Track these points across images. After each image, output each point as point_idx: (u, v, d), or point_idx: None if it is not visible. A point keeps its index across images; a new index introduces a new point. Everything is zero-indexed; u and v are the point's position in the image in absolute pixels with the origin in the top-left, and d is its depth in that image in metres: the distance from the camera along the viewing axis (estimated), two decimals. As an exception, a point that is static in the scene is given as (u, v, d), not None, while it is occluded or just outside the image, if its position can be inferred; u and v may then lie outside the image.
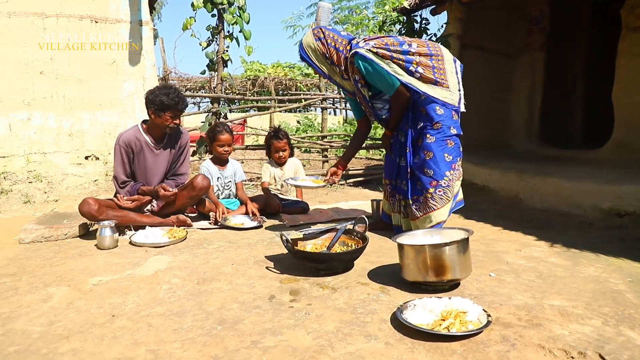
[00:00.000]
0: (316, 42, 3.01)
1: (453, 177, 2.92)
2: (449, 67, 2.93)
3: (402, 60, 2.82)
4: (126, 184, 3.34)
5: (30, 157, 4.54)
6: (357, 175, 5.87)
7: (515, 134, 6.40)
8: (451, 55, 3.00)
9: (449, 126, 2.90)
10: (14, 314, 1.93)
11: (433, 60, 2.88)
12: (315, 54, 3.04)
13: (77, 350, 1.63)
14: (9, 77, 4.44)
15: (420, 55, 2.86)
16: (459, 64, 3.02)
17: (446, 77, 2.88)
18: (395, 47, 2.85)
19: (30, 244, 3.00)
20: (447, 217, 2.95)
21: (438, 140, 2.89)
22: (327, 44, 3.00)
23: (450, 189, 2.91)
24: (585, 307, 1.95)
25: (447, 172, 2.89)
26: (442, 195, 2.89)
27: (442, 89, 2.88)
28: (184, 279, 2.32)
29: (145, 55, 4.94)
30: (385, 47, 2.84)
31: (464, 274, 2.14)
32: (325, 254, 2.49)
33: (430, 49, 2.90)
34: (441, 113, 2.89)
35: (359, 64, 2.88)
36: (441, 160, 2.88)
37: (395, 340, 1.67)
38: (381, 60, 2.83)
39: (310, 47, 3.05)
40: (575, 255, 2.71)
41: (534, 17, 6.19)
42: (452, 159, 2.92)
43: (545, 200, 4.10)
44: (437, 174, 2.88)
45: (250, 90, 16.35)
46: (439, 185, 2.88)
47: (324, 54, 3.02)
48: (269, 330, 1.75)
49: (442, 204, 2.90)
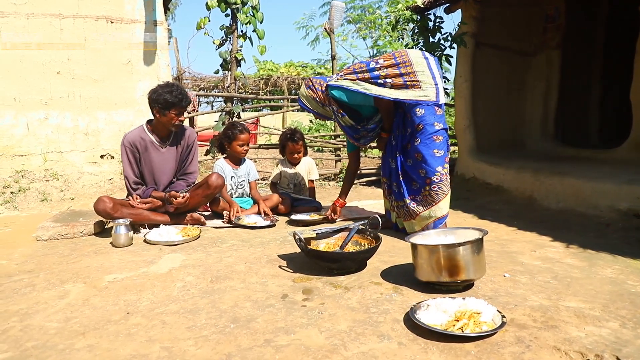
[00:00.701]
0: (307, 90, 3.45)
1: (446, 172, 3.04)
2: (419, 68, 3.07)
3: (369, 77, 3.13)
4: (138, 185, 3.36)
5: (47, 156, 4.61)
6: (369, 175, 5.85)
7: (530, 133, 6.33)
8: (420, 55, 3.14)
9: (431, 123, 3.03)
10: (31, 310, 1.96)
11: (400, 68, 3.08)
12: (309, 100, 3.46)
13: (93, 346, 1.65)
14: (27, 77, 4.52)
15: (387, 67, 3.10)
16: (432, 60, 3.16)
17: (417, 79, 3.04)
18: (362, 69, 3.18)
19: (47, 241, 3.05)
20: (444, 215, 3.04)
21: (423, 141, 3.04)
22: (315, 89, 3.41)
23: (445, 182, 3.02)
24: (602, 309, 1.92)
25: (438, 167, 3.01)
26: (437, 190, 3.01)
27: (414, 90, 3.04)
28: (197, 277, 2.33)
29: (159, 55, 4.98)
30: (352, 72, 3.21)
31: (478, 275, 2.12)
32: (338, 253, 2.49)
33: (396, 59, 3.11)
34: (422, 114, 3.04)
35: (332, 94, 3.27)
36: (431, 158, 3.01)
37: (409, 340, 1.67)
38: (350, 83, 3.18)
39: (304, 96, 3.48)
40: (592, 257, 2.67)
41: (549, 15, 6.11)
42: (444, 152, 3.05)
43: (561, 201, 4.05)
44: (429, 171, 3.01)
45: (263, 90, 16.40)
46: (433, 182, 3.01)
47: (314, 99, 3.42)
48: (282, 329, 1.76)
49: (439, 198, 3.02)
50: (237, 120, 5.17)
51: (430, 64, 3.11)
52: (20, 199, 4.23)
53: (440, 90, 3.07)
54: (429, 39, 5.89)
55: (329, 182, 5.71)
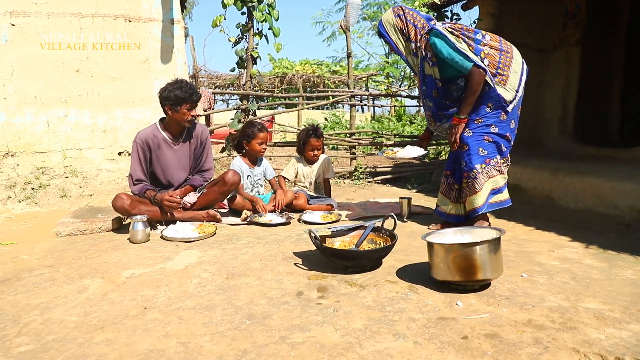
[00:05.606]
0: (395, 19, 3.17)
1: (483, 172, 3.04)
2: (515, 67, 3.02)
3: (472, 45, 2.97)
4: (140, 182, 3.34)
5: (66, 153, 4.69)
6: (384, 173, 5.83)
7: (549, 131, 6.22)
8: (520, 57, 3.09)
9: (490, 124, 3.04)
10: (52, 304, 2.00)
11: (502, 55, 3.00)
12: (394, 30, 3.19)
13: (111, 340, 1.67)
14: (48, 75, 4.59)
15: (491, 47, 3.00)
16: (525, 67, 3.10)
17: (507, 75, 2.99)
18: (469, 33, 3.01)
19: (67, 237, 3.10)
20: (479, 206, 3.06)
21: (475, 135, 3.04)
22: (406, 20, 3.15)
23: (477, 181, 3.03)
24: (623, 311, 1.88)
25: (477, 165, 3.03)
26: (471, 186, 3.07)
27: (498, 86, 2.98)
28: (213, 274, 2.35)
29: (176, 54, 5.02)
30: (460, 30, 3.01)
31: (495, 274, 2.10)
32: (353, 252, 2.49)
33: (502, 45, 3.04)
34: (488, 111, 3.03)
35: (434, 41, 3.01)
36: (475, 154, 3.03)
37: (424, 339, 1.66)
38: (455, 39, 2.96)
39: (389, 23, 3.20)
40: (612, 257, 2.63)
41: (569, 11, 5.99)
42: (487, 154, 3.05)
43: (579, 200, 3.98)
44: (467, 166, 3.05)
45: (278, 88, 16.45)
46: (469, 177, 3.06)
47: (401, 30, 3.17)
48: (297, 326, 1.76)
49: (470, 193, 3.08)
50: (254, 118, 5.19)
51: (523, 70, 3.07)
52: (40, 195, 4.31)
53: (516, 100, 3.05)
54: (446, 36, 5.84)
55: (344, 180, 5.70)
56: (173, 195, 3.29)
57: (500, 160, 3.09)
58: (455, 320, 1.81)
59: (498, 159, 3.08)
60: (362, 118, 14.75)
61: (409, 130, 10.32)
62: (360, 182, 5.59)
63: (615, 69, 6.38)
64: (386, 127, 11.01)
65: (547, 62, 6.13)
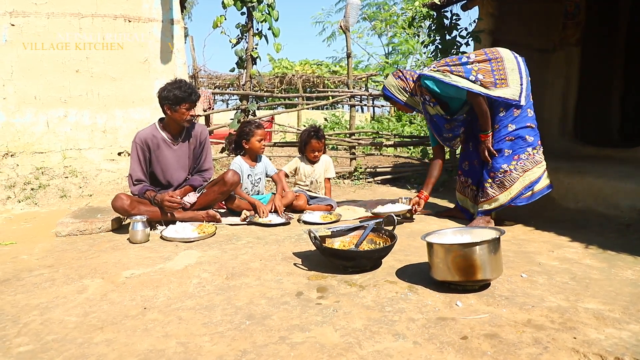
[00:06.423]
0: (397, 81, 3.65)
1: (516, 168, 3.26)
2: (509, 65, 3.26)
3: (461, 71, 3.28)
4: (140, 182, 3.34)
5: (66, 153, 4.69)
6: (384, 173, 5.83)
7: (549, 131, 6.21)
8: (511, 53, 3.33)
9: (506, 125, 3.27)
10: (51, 304, 2.00)
11: (492, 63, 3.26)
12: (398, 90, 3.65)
13: (111, 340, 1.67)
14: (47, 76, 4.59)
15: (479, 62, 3.28)
16: (521, 59, 3.33)
17: (506, 76, 3.23)
18: (454, 62, 3.35)
19: (66, 237, 3.10)
20: (507, 203, 3.29)
21: (496, 140, 3.31)
22: (405, 78, 3.62)
23: (508, 177, 3.26)
24: (623, 311, 1.88)
25: (504, 165, 3.27)
26: (499, 184, 3.29)
27: (502, 89, 3.22)
28: (213, 274, 2.35)
29: (176, 54, 5.02)
30: (445, 64, 3.36)
31: (495, 275, 2.10)
32: (353, 252, 2.49)
33: (487, 55, 3.30)
34: (502, 115, 3.28)
35: (426, 84, 3.42)
36: (500, 157, 3.29)
37: (424, 339, 1.66)
38: (442, 75, 3.31)
39: (393, 86, 3.66)
40: (612, 258, 2.63)
41: (569, 11, 5.99)
42: (512, 152, 3.27)
43: (579, 200, 3.98)
44: (494, 167, 3.31)
45: (278, 88, 16.45)
46: (495, 176, 3.30)
47: (404, 88, 3.62)
48: (297, 327, 1.76)
49: (499, 191, 3.29)
50: (253, 119, 5.19)
51: (519, 63, 3.29)
52: (40, 195, 4.31)
53: (524, 91, 3.24)
54: (446, 36, 5.84)
55: (343, 180, 5.70)
56: (173, 196, 3.29)
57: (533, 151, 3.28)
58: (455, 320, 1.81)
59: (530, 151, 3.27)
60: (361, 118, 14.75)
61: (409, 130, 10.31)
62: (360, 182, 5.59)
63: (615, 69, 6.38)
64: (386, 127, 11.00)
65: (547, 62, 6.13)
